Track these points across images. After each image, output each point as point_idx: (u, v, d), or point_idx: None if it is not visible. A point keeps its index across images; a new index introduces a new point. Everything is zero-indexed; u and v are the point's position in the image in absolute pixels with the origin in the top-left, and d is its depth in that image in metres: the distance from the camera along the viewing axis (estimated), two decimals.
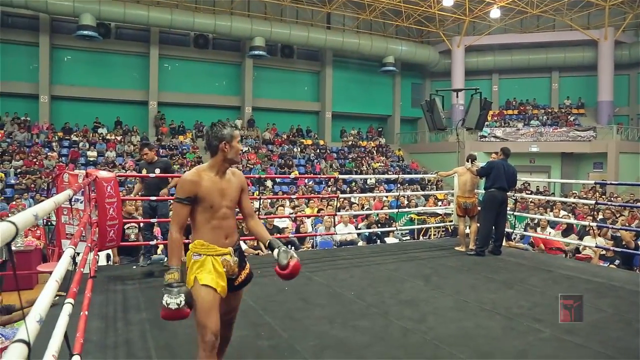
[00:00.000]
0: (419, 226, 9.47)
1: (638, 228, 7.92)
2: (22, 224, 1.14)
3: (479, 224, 6.89)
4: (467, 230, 7.05)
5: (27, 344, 1.10)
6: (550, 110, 24.07)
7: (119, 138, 19.17)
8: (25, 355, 1.07)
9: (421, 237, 9.52)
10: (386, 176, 18.34)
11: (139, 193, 6.01)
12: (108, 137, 19.12)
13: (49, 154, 16.79)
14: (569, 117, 23.04)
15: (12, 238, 1.04)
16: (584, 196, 14.39)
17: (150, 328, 3.57)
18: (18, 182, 14.62)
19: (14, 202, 12.19)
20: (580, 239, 7.82)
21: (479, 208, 6.98)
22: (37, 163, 15.92)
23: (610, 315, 4.02)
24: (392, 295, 4.60)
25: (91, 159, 17.28)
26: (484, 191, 6.82)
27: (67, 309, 2.05)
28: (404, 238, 9.43)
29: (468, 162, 7.00)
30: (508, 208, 6.98)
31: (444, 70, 24.82)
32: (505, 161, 6.75)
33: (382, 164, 22.03)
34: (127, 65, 20.75)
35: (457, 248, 7.07)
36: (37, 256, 7.79)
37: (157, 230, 6.69)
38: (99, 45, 19.58)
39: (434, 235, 9.71)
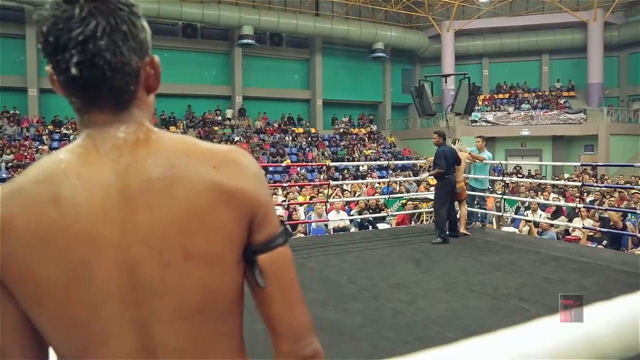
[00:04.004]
0: (411, 211, 9.56)
1: (625, 209, 8.06)
2: None
3: (440, 210, 6.93)
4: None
5: None
6: (541, 94, 24.17)
7: None
8: None
9: (413, 222, 9.62)
10: (378, 163, 18.42)
11: None
12: None
13: (39, 147, 16.70)
14: (560, 100, 23.16)
15: None
16: (575, 179, 14.55)
17: None
18: (9, 176, 14.55)
19: None
20: (570, 220, 7.96)
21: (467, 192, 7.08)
22: (28, 157, 15.85)
23: (595, 292, 4.13)
24: (383, 279, 4.69)
25: None
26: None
27: None
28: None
29: (454, 145, 7.08)
30: (499, 192, 7.08)
31: (434, 56, 24.81)
32: (445, 145, 6.83)
33: (374, 151, 22.10)
34: None
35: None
36: None
37: None
38: None
39: (426, 220, 9.82)
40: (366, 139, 23.64)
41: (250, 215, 0.74)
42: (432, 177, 6.91)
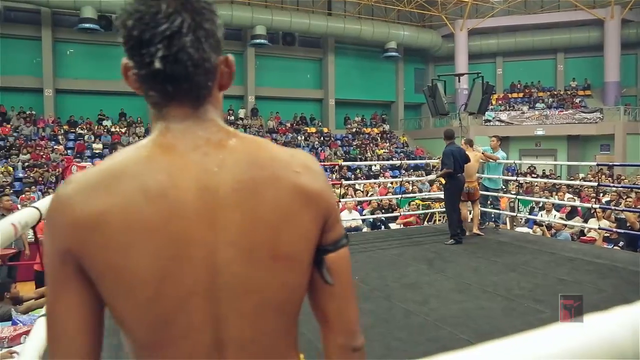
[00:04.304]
0: (424, 211, 9.52)
1: None
2: (45, 210, 1.23)
3: (452, 211, 6.86)
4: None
5: None
6: (555, 93, 23.87)
7: (123, 130, 19.27)
8: None
9: (425, 223, 9.58)
10: (390, 162, 18.37)
11: None
12: (113, 129, 19.23)
13: (55, 147, 16.93)
14: (575, 99, 22.85)
15: (37, 221, 1.13)
16: (591, 179, 14.36)
17: None
18: (26, 175, 14.79)
19: (23, 195, 12.37)
20: (585, 221, 7.85)
21: (480, 192, 7.01)
22: (44, 156, 16.08)
23: (611, 295, 4.07)
24: (395, 279, 4.68)
25: (97, 151, 17.41)
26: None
27: None
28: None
29: (467, 146, 7.03)
30: (513, 192, 7.01)
31: (447, 55, 24.63)
32: (454, 144, 6.74)
33: (387, 151, 22.03)
34: None
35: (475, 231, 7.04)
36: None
37: None
38: (100, 38, 19.59)
39: (439, 220, 9.76)
40: (379, 138, 23.56)
41: (325, 217, 0.78)
42: (442, 177, 6.85)
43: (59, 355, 0.71)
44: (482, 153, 7.43)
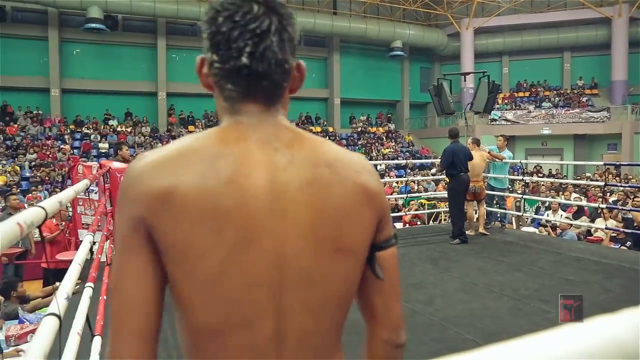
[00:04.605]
0: (429, 211, 9.49)
1: None
2: (50, 209, 1.24)
3: (456, 210, 6.80)
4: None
5: (59, 317, 1.21)
6: (562, 92, 23.73)
7: (129, 129, 19.35)
8: (57, 325, 1.18)
9: (431, 222, 9.56)
10: (396, 162, 18.33)
11: None
12: (119, 128, 19.31)
13: (61, 146, 17.02)
14: (582, 97, 22.70)
15: (43, 221, 1.14)
16: (597, 178, 14.26)
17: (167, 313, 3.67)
18: (33, 174, 14.87)
19: (30, 194, 12.45)
20: (592, 221, 7.80)
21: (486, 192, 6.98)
22: (51, 156, 16.17)
23: (617, 295, 4.04)
24: (400, 278, 4.64)
25: (103, 150, 17.49)
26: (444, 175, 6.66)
27: (87, 292, 2.15)
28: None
29: (473, 145, 7.00)
30: (519, 191, 6.97)
31: (453, 54, 24.55)
32: (458, 142, 6.69)
33: (392, 150, 21.99)
34: (136, 56, 20.84)
35: (467, 232, 7.08)
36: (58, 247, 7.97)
37: None
38: (107, 38, 19.69)
39: (444, 220, 9.73)
40: (384, 137, 23.53)
41: (380, 216, 0.82)
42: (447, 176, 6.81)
43: (126, 321, 0.72)
44: (489, 152, 7.40)
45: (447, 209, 9.43)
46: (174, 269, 0.72)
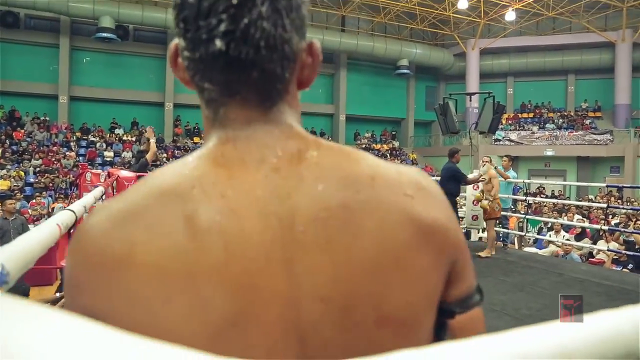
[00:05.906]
0: None
1: None
2: (79, 213, 1.31)
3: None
4: (480, 235, 7.08)
5: None
6: (566, 114, 23.87)
7: (134, 139, 19.51)
8: None
9: None
10: None
11: None
12: (124, 137, 19.47)
13: (67, 153, 17.14)
14: (585, 120, 22.83)
15: (74, 223, 1.21)
16: (600, 200, 14.28)
17: None
18: (37, 180, 14.96)
19: (33, 200, 12.53)
20: (594, 243, 7.82)
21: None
22: (56, 162, 16.28)
23: None
24: None
25: (108, 159, 17.61)
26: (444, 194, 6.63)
27: None
28: None
29: (484, 165, 7.01)
30: (522, 212, 6.99)
31: (459, 73, 24.77)
32: (449, 162, 6.80)
33: None
34: (144, 66, 21.10)
35: (480, 254, 6.59)
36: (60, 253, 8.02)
37: None
38: (117, 47, 19.95)
39: None
40: (388, 155, 23.63)
41: (451, 261, 0.56)
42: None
43: None
44: (496, 168, 7.39)
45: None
46: None
